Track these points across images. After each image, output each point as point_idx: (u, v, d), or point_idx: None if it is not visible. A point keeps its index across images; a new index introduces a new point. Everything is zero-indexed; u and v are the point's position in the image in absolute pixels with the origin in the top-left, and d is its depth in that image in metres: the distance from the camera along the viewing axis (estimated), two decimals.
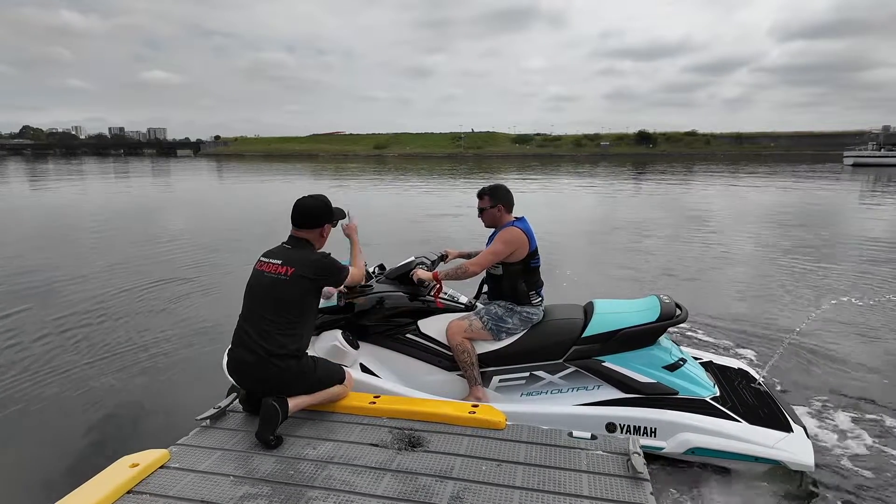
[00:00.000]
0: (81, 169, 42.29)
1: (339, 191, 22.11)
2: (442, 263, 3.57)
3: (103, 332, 5.12)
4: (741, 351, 4.56)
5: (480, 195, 3.20)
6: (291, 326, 2.51)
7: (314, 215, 2.66)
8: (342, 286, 2.79)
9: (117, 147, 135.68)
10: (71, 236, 10.83)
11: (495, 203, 3.16)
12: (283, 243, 2.68)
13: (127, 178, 31.33)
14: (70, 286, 6.74)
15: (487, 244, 3.21)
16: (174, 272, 7.62)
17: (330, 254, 2.70)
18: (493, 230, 3.22)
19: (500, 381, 3.10)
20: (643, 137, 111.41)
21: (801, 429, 2.79)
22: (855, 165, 43.11)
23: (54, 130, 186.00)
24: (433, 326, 3.18)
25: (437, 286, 3.19)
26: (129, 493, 2.08)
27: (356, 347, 3.17)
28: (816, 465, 2.67)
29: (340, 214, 2.83)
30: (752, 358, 4.38)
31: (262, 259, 2.63)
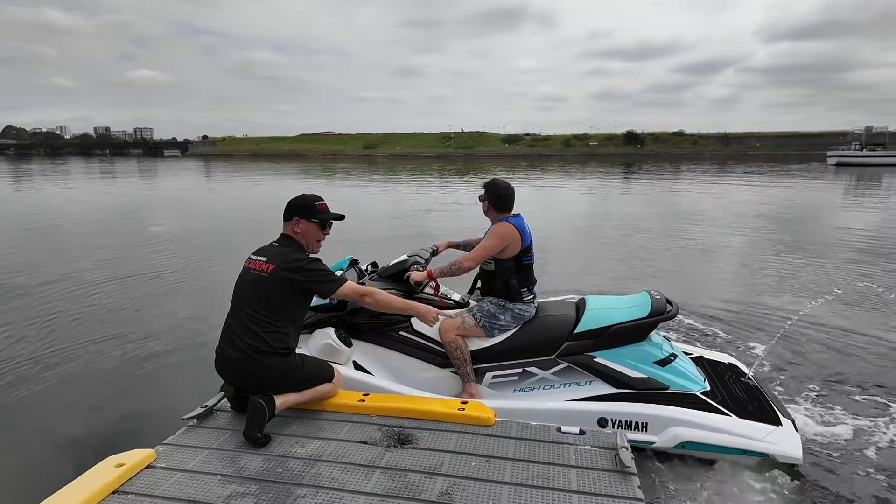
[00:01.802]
0: (67, 169, 41.69)
1: (327, 188, 22.06)
2: (434, 258, 3.58)
3: (85, 329, 5.06)
4: (731, 345, 4.61)
5: (483, 186, 3.26)
6: (277, 324, 2.50)
7: (288, 207, 2.65)
8: (330, 297, 2.64)
9: (103, 147, 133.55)
10: (55, 235, 10.69)
11: (486, 199, 3.20)
12: (272, 241, 2.67)
13: (113, 178, 30.94)
14: (50, 283, 6.65)
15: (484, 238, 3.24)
16: (158, 269, 7.57)
17: (320, 259, 2.66)
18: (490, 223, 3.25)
19: (493, 377, 3.11)
20: (631, 137, 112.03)
21: (790, 422, 2.83)
22: (838, 165, 43.75)
23: (38, 130, 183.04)
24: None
25: (434, 285, 3.20)
26: (114, 493, 2.05)
27: (349, 345, 3.16)
28: (805, 458, 2.71)
29: (335, 217, 2.72)
30: (743, 351, 4.43)
31: (251, 256, 2.64)
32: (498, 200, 3.18)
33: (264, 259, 2.55)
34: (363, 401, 2.73)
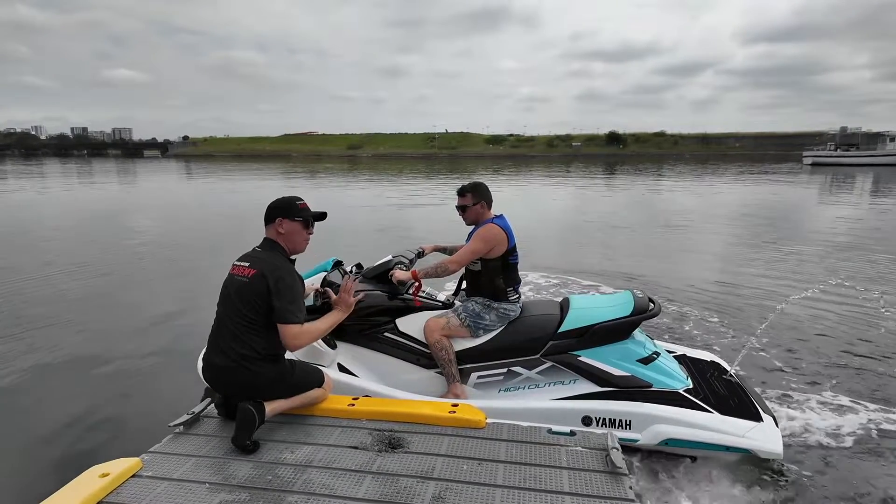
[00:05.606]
0: (42, 171, 40.76)
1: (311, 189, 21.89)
2: (419, 260, 3.57)
3: (67, 334, 4.94)
4: (713, 343, 4.66)
5: (462, 193, 3.20)
6: (263, 329, 2.45)
7: (269, 209, 2.59)
8: (284, 325, 2.41)
9: (80, 147, 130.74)
10: (31, 238, 10.44)
11: (478, 200, 3.18)
12: (255, 247, 2.62)
13: (91, 180, 30.33)
14: (30, 287, 6.49)
15: (467, 241, 3.23)
16: (140, 273, 7.43)
17: (303, 280, 2.60)
18: (472, 227, 3.24)
19: (479, 377, 3.12)
20: (613, 138, 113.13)
21: (771, 418, 2.87)
22: (814, 165, 44.79)
23: (12, 130, 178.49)
24: (412, 325, 3.18)
25: (417, 285, 3.19)
26: (99, 503, 2.01)
27: (334, 347, 3.14)
28: (785, 453, 2.75)
29: (318, 217, 2.66)
30: (725, 349, 4.48)
31: (235, 263, 2.58)
32: (489, 198, 3.22)
33: (247, 265, 2.49)
34: (353, 405, 2.71)
